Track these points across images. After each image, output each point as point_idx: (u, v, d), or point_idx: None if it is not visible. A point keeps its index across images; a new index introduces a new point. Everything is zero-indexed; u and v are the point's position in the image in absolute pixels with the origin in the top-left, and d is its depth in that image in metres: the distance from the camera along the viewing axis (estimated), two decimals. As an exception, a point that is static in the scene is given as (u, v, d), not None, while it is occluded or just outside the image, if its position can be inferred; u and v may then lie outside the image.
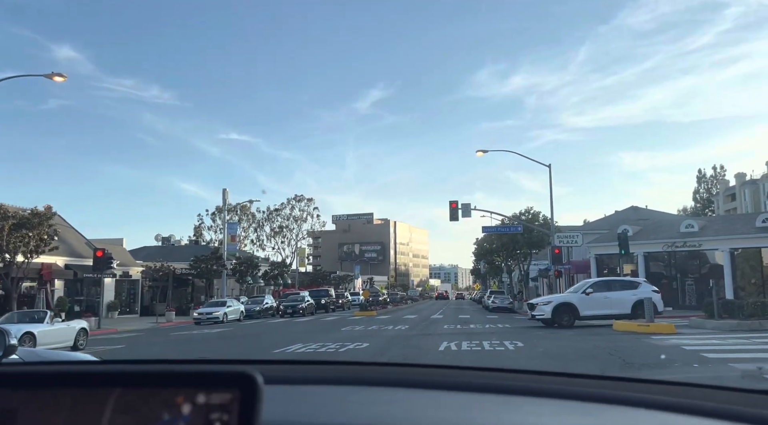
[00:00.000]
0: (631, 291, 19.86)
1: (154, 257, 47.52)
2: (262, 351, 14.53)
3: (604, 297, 19.62)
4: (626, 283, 21.32)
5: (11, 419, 0.48)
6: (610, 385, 1.15)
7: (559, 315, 19.39)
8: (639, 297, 19.11)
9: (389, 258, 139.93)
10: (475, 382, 1.10)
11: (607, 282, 21.46)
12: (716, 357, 10.31)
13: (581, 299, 19.71)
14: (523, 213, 48.03)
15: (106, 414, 0.49)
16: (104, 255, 28.19)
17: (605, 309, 19.35)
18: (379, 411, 0.90)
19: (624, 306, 19.28)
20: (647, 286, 20.62)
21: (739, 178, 77.58)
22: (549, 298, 21.17)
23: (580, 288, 20.75)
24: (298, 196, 72.52)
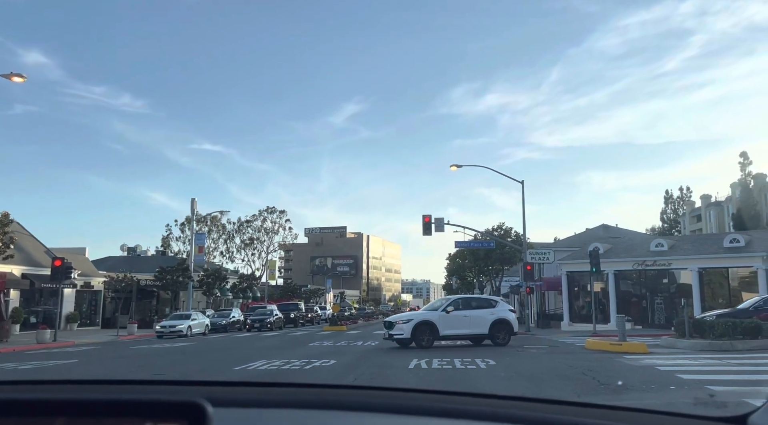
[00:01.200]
0: (489, 310, 19.18)
1: (119, 267, 46.08)
2: (223, 367, 13.83)
3: (464, 315, 18.77)
4: (484, 301, 20.51)
5: None
6: (583, 412, 1.16)
7: (419, 334, 18.21)
8: (497, 316, 18.88)
9: (362, 272, 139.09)
10: (440, 407, 1.07)
11: (467, 299, 20.48)
12: (692, 379, 10.06)
13: (441, 318, 18.64)
14: (496, 228, 48.08)
15: None
16: (63, 264, 27.00)
17: (465, 329, 18.72)
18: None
19: (482, 325, 18.71)
20: (504, 305, 20.26)
21: (704, 200, 79.42)
22: (409, 316, 19.83)
23: (439, 306, 19.67)
24: (270, 207, 71.56)
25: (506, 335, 18.90)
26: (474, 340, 19.17)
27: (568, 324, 33.51)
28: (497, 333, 18.70)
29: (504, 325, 18.93)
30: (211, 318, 35.62)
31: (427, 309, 20.39)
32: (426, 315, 19.11)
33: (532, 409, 1.15)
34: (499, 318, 18.91)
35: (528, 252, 33.40)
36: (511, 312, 19.72)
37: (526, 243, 34.54)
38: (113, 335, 31.21)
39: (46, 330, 25.66)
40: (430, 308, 20.19)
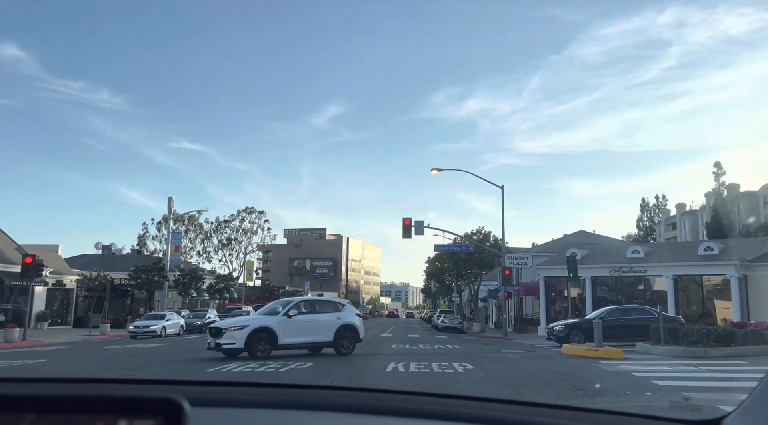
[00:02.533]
0: (335, 315, 17.01)
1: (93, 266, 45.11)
2: (197, 369, 13.56)
3: (308, 321, 16.41)
4: (329, 304, 18.26)
5: None
6: (560, 415, 1.19)
7: (255, 343, 15.47)
8: (344, 321, 16.88)
9: (341, 275, 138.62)
10: (420, 408, 1.09)
11: (311, 302, 18.22)
12: (667, 385, 10.12)
13: (282, 323, 16.01)
14: (475, 233, 48.26)
15: None
16: (34, 261, 26.32)
17: (308, 336, 16.32)
18: None
19: (327, 332, 16.54)
20: (350, 309, 18.02)
21: (679, 208, 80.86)
22: (243, 321, 16.70)
23: (280, 309, 16.76)
24: (249, 208, 70.96)
25: (351, 342, 16.88)
26: (314, 349, 16.76)
27: (545, 329, 33.72)
28: (342, 341, 16.63)
29: (350, 332, 16.89)
30: (186, 319, 35.06)
31: (265, 312, 17.37)
32: (264, 321, 16.19)
33: (513, 411, 1.16)
34: (345, 323, 16.84)
35: (507, 257, 33.56)
36: (358, 317, 17.66)
37: (504, 248, 34.70)
38: (85, 334, 30.53)
39: (14, 329, 24.97)
40: (269, 311, 17.15)
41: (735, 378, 11.66)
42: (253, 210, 70.88)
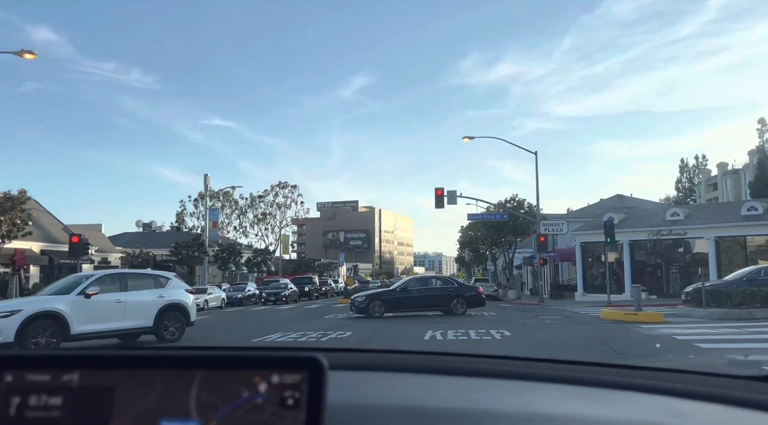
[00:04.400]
0: (155, 292, 13.26)
1: (135, 243, 46.59)
2: (241, 340, 14.00)
3: (116, 301, 12.39)
4: (146, 279, 13.81)
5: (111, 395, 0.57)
6: (611, 372, 1.24)
7: (32, 335, 11.07)
8: (168, 300, 13.24)
9: (374, 246, 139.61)
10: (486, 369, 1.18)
11: (122, 275, 13.63)
12: (710, 347, 10.01)
13: (77, 305, 11.76)
14: (509, 200, 47.79)
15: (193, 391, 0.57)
16: (80, 240, 27.24)
17: (116, 322, 12.38)
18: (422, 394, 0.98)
19: (145, 315, 12.83)
20: (178, 283, 14.30)
21: (721, 168, 78.25)
22: (16, 305, 11.86)
23: (74, 287, 12.37)
24: (281, 182, 71.56)
25: (179, 327, 13.47)
26: (126, 338, 12.99)
27: (582, 295, 33.49)
28: (167, 325, 13.21)
29: (177, 313, 13.45)
30: (226, 292, 36.03)
31: (53, 291, 12.77)
32: (47, 303, 11.74)
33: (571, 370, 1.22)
34: (170, 302, 13.27)
35: (541, 224, 33.21)
36: (188, 294, 14.30)
37: (539, 215, 34.34)
38: (131, 309, 31.67)
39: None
40: (59, 289, 12.63)
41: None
42: (286, 184, 71.58)
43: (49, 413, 0.56)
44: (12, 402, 0.57)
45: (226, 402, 0.57)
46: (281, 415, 0.55)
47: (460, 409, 0.88)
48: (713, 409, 0.97)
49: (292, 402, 0.56)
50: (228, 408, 0.57)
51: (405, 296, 20.77)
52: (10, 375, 0.59)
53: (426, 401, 0.94)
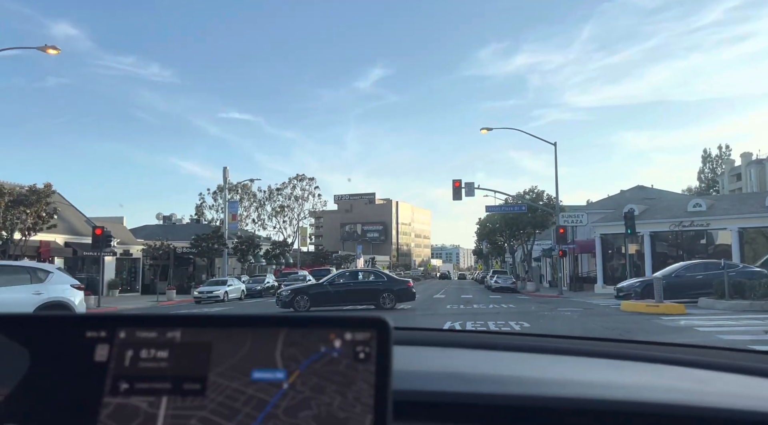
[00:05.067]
0: (31, 289, 10.94)
1: (155, 235, 47.20)
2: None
3: None
4: (21, 272, 11.47)
5: (208, 348, 0.67)
6: (637, 347, 1.34)
7: None
8: (48, 298, 10.91)
9: (391, 238, 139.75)
10: (521, 344, 1.29)
11: None
12: (733, 339, 9.90)
13: None
14: (527, 192, 47.47)
15: (278, 346, 0.66)
16: (103, 233, 27.79)
17: None
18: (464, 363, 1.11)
19: None
20: (62, 277, 11.89)
21: (744, 158, 76.75)
22: None
23: None
24: (299, 175, 71.98)
25: None
26: None
27: (602, 287, 33.24)
28: None
29: None
30: (246, 284, 36.42)
31: None
32: None
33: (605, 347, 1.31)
34: (50, 300, 10.91)
35: (561, 216, 32.98)
36: (75, 290, 11.74)
37: (558, 206, 34.09)
38: (153, 300, 32.22)
39: (90, 297, 26.55)
40: None
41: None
42: (303, 177, 71.95)
43: (157, 364, 0.66)
44: (126, 354, 0.67)
45: (307, 355, 0.66)
46: (354, 367, 0.64)
47: (499, 376, 0.97)
48: (733, 378, 1.04)
49: (363, 356, 0.65)
50: (309, 360, 0.65)
51: (332, 290, 19.92)
52: (123, 332, 0.69)
53: (468, 368, 1.04)
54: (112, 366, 0.67)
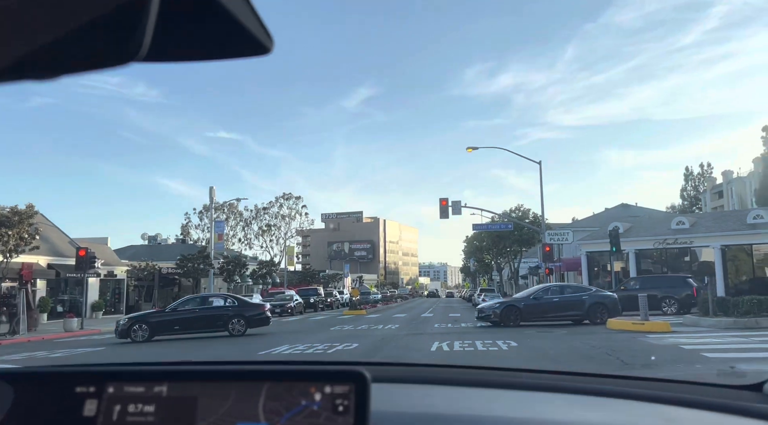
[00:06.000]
0: None
1: (140, 256, 46.76)
2: (247, 352, 14.04)
3: None
4: None
5: (194, 402, 0.68)
6: (609, 382, 1.35)
7: None
8: None
9: (379, 257, 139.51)
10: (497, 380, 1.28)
11: None
12: (718, 357, 10.00)
13: None
14: (513, 210, 47.83)
15: (261, 399, 0.69)
16: (87, 254, 27.48)
17: None
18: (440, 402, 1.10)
19: None
20: None
21: (726, 176, 78.04)
22: None
23: None
24: (286, 194, 71.91)
25: None
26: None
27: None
28: None
29: None
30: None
31: None
32: None
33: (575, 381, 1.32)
34: None
35: (547, 233, 33.22)
36: None
37: (544, 224, 34.35)
38: (138, 322, 31.75)
39: (73, 319, 26.19)
40: None
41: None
42: (290, 196, 71.84)
43: (144, 418, 0.68)
44: (114, 409, 0.69)
45: (288, 408, 0.69)
46: (333, 420, 0.67)
47: (475, 416, 1.00)
48: (701, 415, 1.08)
49: (342, 409, 0.68)
50: (290, 413, 0.68)
51: (176, 318, 18.82)
52: (112, 387, 0.71)
53: (443, 409, 1.07)
54: (101, 421, 0.69)
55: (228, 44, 0.55)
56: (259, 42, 0.57)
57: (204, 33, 0.53)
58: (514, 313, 19.05)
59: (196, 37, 0.54)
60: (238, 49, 0.56)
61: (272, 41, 0.58)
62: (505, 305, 19.60)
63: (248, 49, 0.57)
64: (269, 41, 0.58)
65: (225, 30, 0.53)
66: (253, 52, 0.57)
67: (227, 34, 0.53)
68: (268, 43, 0.58)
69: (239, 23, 0.53)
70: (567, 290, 20.41)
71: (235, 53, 0.57)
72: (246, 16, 0.54)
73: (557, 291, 20.20)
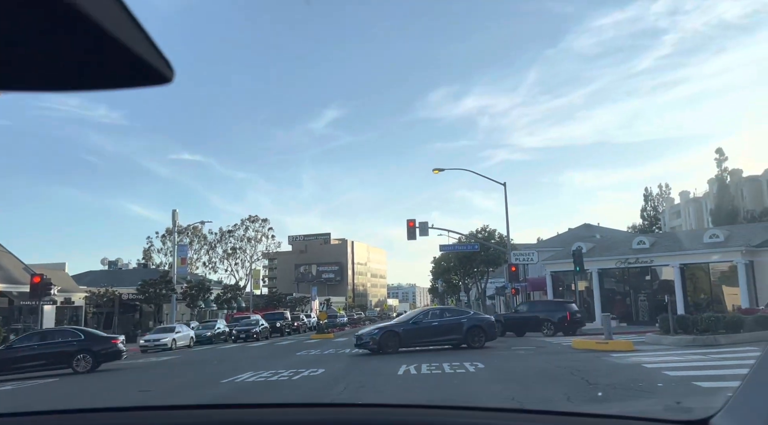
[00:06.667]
0: None
1: (100, 282, 45.39)
2: (209, 381, 13.64)
3: None
4: None
5: None
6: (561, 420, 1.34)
7: None
8: None
9: (347, 279, 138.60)
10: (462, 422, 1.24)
11: None
12: (678, 375, 10.16)
13: None
14: (480, 231, 48.30)
15: None
16: (42, 280, 26.54)
17: None
18: None
19: None
20: None
21: (683, 196, 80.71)
22: None
23: None
24: (252, 216, 71.17)
25: None
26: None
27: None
28: None
29: None
30: (195, 331, 35.19)
31: None
32: None
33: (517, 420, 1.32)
34: None
35: (512, 254, 33.59)
36: None
37: (510, 245, 34.74)
38: (96, 351, 30.64)
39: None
40: None
41: (744, 365, 11.68)
42: (256, 218, 71.09)
43: None
44: None
45: None
46: None
47: None
48: None
49: None
50: None
51: (11, 356, 17.54)
52: None
53: None
54: None
55: (124, 74, 0.55)
56: (158, 71, 0.57)
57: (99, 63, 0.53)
58: (393, 339, 18.83)
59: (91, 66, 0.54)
60: (136, 78, 0.57)
61: (172, 71, 0.59)
62: (384, 331, 19.27)
63: (147, 78, 0.58)
64: (169, 71, 0.59)
65: (120, 60, 0.53)
66: (152, 82, 0.58)
67: (122, 64, 0.54)
68: (168, 73, 0.59)
69: (134, 53, 0.53)
70: (446, 314, 20.37)
71: (133, 83, 0.58)
72: (142, 46, 0.54)
73: (437, 314, 20.14)
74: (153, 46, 0.56)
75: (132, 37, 0.52)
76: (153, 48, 0.56)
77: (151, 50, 0.56)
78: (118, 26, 0.50)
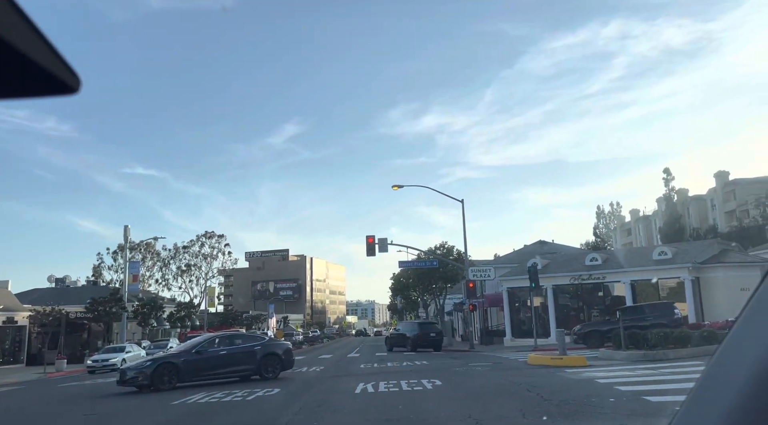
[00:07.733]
0: None
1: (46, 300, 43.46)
2: (159, 403, 13.16)
3: None
4: None
5: None
6: None
7: None
8: None
9: (305, 296, 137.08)
10: None
11: None
12: (629, 390, 10.38)
13: None
14: (438, 247, 48.61)
15: None
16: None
17: None
18: None
19: None
20: None
21: (633, 214, 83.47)
22: None
23: None
24: (208, 232, 69.59)
25: None
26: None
27: (511, 340, 34.12)
28: None
29: None
30: (147, 350, 34.01)
31: None
32: None
33: None
34: None
35: (470, 270, 33.90)
36: None
37: (467, 261, 35.07)
38: (40, 373, 29.27)
39: (-38, 372, 23.74)
40: None
41: (691, 380, 12.03)
42: (212, 234, 69.60)
43: None
44: None
45: None
46: None
47: None
48: None
49: None
50: None
51: None
52: None
53: None
54: None
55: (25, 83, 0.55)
56: (63, 81, 0.57)
57: None
58: (170, 372, 16.19)
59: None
60: (39, 88, 0.57)
61: (78, 80, 0.59)
62: (157, 363, 16.38)
63: (51, 88, 0.58)
64: (75, 81, 0.59)
65: (20, 69, 0.53)
66: (57, 91, 0.58)
67: (23, 73, 0.53)
68: (74, 83, 0.59)
69: (36, 63, 0.53)
70: (237, 341, 18.14)
71: (38, 92, 0.58)
72: (44, 56, 0.54)
73: (226, 342, 17.81)
74: (56, 56, 0.55)
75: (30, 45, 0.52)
76: (56, 57, 0.56)
77: (54, 60, 0.55)
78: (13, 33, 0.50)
